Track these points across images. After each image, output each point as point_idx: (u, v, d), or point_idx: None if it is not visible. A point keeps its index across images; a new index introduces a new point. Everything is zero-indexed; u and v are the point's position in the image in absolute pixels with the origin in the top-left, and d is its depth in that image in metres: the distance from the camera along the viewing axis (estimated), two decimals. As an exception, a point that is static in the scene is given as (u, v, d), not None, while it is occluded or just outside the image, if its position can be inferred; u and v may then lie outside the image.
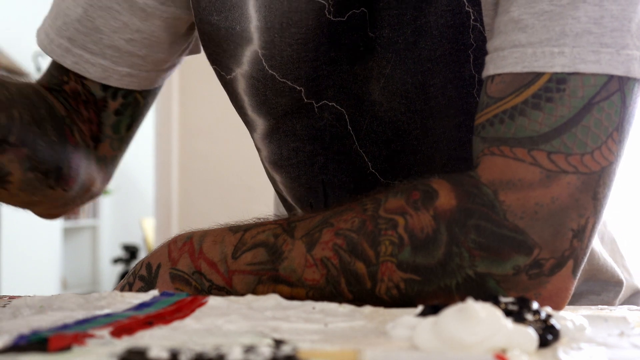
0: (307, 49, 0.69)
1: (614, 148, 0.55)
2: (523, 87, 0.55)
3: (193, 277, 0.61)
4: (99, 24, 0.76)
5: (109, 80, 0.78)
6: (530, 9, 0.56)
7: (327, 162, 0.74)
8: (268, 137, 0.77)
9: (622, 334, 0.45)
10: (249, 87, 0.74)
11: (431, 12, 0.66)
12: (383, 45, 0.68)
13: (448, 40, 0.66)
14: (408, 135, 0.70)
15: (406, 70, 0.68)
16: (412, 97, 0.68)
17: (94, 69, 0.77)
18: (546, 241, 0.53)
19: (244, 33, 0.71)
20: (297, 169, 0.76)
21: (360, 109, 0.71)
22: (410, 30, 0.67)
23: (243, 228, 0.61)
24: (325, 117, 0.72)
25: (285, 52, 0.70)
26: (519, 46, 0.56)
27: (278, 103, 0.73)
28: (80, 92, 0.78)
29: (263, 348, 0.38)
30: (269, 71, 0.71)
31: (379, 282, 0.56)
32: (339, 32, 0.68)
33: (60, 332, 0.42)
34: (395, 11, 0.67)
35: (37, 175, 0.72)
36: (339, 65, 0.70)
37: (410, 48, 0.67)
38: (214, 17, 0.72)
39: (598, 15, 0.54)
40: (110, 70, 0.78)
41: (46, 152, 0.72)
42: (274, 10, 0.69)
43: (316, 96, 0.72)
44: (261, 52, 0.71)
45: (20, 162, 0.70)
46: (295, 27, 0.69)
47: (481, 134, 0.57)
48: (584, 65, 0.54)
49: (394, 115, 0.70)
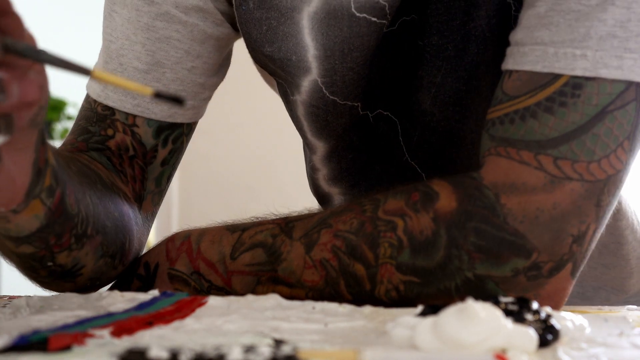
0: (365, 67, 0.67)
1: (623, 157, 0.54)
2: (539, 87, 0.54)
3: (192, 278, 0.61)
4: (160, 57, 0.69)
5: (175, 117, 0.71)
6: (557, 6, 0.54)
7: (382, 173, 0.73)
8: (328, 158, 0.75)
9: (622, 334, 0.45)
10: (309, 114, 0.71)
11: (481, 16, 0.64)
12: (432, 53, 0.66)
13: (495, 39, 0.64)
14: (463, 141, 0.68)
15: (457, 78, 0.66)
16: (465, 104, 0.67)
17: (160, 108, 0.70)
18: (545, 245, 0.53)
19: (301, 63, 0.68)
20: (355, 178, 0.74)
21: (410, 120, 0.69)
22: (459, 36, 0.65)
23: (241, 227, 0.61)
24: (381, 127, 0.70)
25: (347, 76, 0.68)
26: (541, 44, 0.55)
27: (338, 124, 0.71)
28: (128, 146, 0.70)
29: (263, 348, 0.38)
30: (329, 97, 0.69)
31: (378, 284, 0.55)
32: (390, 43, 0.67)
33: (60, 332, 0.42)
34: (444, 17, 0.65)
35: (107, 261, 0.64)
36: (389, 74, 0.68)
37: (460, 55, 0.65)
38: (266, 49, 0.69)
39: (625, 19, 0.53)
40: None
41: (112, 233, 0.64)
42: (332, 38, 0.66)
43: (371, 107, 0.70)
44: (321, 81, 0.68)
45: (94, 252, 0.62)
46: (357, 51, 0.66)
47: (490, 131, 0.57)
48: (605, 70, 0.53)
49: (448, 124, 0.68)
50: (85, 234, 0.60)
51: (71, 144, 0.71)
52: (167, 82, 0.70)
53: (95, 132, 0.71)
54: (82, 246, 0.60)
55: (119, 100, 0.70)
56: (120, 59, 0.70)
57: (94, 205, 0.61)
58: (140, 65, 0.70)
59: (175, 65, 0.70)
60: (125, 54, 0.70)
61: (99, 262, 0.63)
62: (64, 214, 0.56)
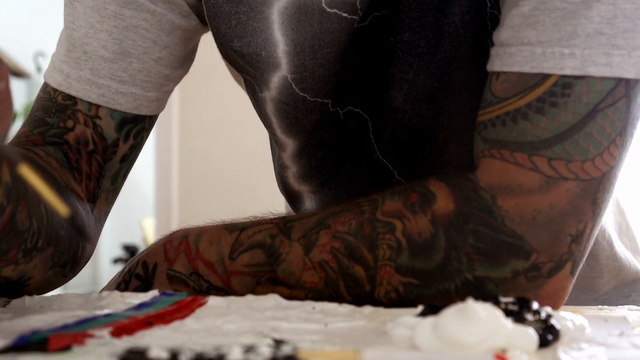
0: (336, 64, 0.67)
1: (615, 153, 0.54)
2: (528, 88, 0.54)
3: (191, 278, 0.61)
4: (127, 46, 0.68)
5: (140, 109, 0.70)
6: (542, 5, 0.54)
7: (353, 171, 0.72)
8: (298, 155, 0.74)
9: (622, 334, 0.45)
10: (278, 111, 0.71)
11: (454, 12, 0.64)
12: (404, 49, 0.65)
13: (470, 35, 0.64)
14: (435, 138, 0.68)
15: (430, 75, 0.65)
16: (438, 101, 0.66)
17: (125, 99, 0.69)
18: (544, 246, 0.53)
19: (271, 59, 0.67)
20: (326, 175, 0.74)
21: (382, 117, 0.69)
22: (432, 32, 0.64)
23: (239, 227, 0.61)
24: (351, 123, 0.70)
25: (317, 73, 0.67)
26: (528, 44, 0.54)
27: (308, 121, 0.70)
28: (88, 140, 0.68)
29: (263, 348, 0.38)
30: (299, 94, 0.68)
31: (378, 286, 0.55)
32: (361, 37, 0.66)
33: (60, 332, 0.42)
34: (416, 13, 0.64)
35: (56, 271, 0.63)
36: (359, 70, 0.67)
37: (432, 51, 0.65)
38: (235, 44, 0.68)
39: (611, 15, 0.53)
40: (142, 98, 0.70)
41: (65, 242, 0.62)
42: (303, 33, 0.65)
43: (341, 103, 0.69)
44: (291, 77, 0.67)
45: (43, 264, 0.60)
46: (328, 47, 0.65)
47: (482, 134, 0.57)
48: (594, 68, 0.53)
49: (420, 122, 0.67)
50: (35, 247, 0.58)
51: (26, 137, 0.68)
52: (134, 73, 0.69)
53: (54, 123, 0.68)
54: (31, 260, 0.58)
55: (82, 89, 0.68)
56: (85, 47, 0.69)
57: (48, 215, 0.59)
58: (106, 54, 0.68)
59: (143, 55, 0.69)
60: (89, 42, 0.68)
61: (48, 273, 0.61)
62: (13, 231, 0.54)
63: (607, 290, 0.80)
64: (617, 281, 0.80)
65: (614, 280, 0.80)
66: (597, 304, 0.77)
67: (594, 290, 0.79)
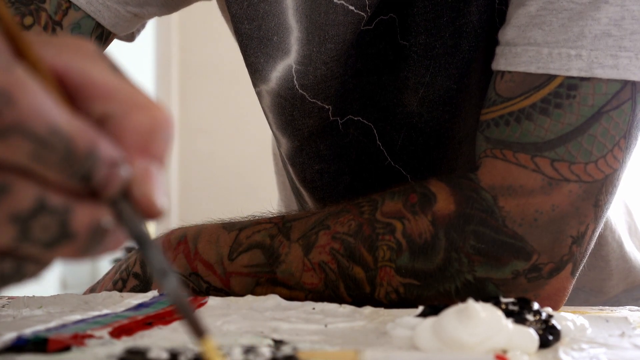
0: (339, 65, 0.65)
1: (619, 155, 0.54)
2: (533, 89, 0.54)
3: (190, 279, 0.61)
4: None
5: (116, 28, 0.66)
6: (549, 5, 0.54)
7: (354, 181, 0.71)
8: (291, 159, 0.73)
9: (623, 335, 0.45)
10: (275, 105, 0.69)
11: (472, 12, 0.62)
12: (419, 52, 0.64)
13: (486, 34, 0.63)
14: (451, 140, 0.67)
15: (448, 76, 0.64)
16: (456, 103, 0.65)
17: (109, 13, 0.64)
18: (545, 247, 0.53)
19: (282, 45, 0.65)
20: (322, 191, 0.72)
21: (392, 122, 0.67)
22: (448, 33, 0.63)
23: (237, 226, 0.60)
24: (351, 133, 0.68)
25: (319, 70, 0.65)
26: (534, 44, 0.54)
27: (305, 124, 0.68)
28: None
29: (263, 348, 0.38)
30: (299, 91, 0.66)
31: (378, 287, 0.55)
32: (365, 42, 0.64)
33: (60, 332, 0.42)
34: (431, 15, 0.63)
35: None
36: (365, 77, 0.66)
37: (450, 52, 0.63)
38: (245, 26, 0.65)
39: (619, 17, 0.52)
40: (121, 17, 0.66)
41: None
42: (314, 22, 0.63)
43: (341, 112, 0.67)
44: (295, 68, 0.65)
45: None
46: (331, 42, 0.63)
47: (485, 133, 0.56)
48: (601, 70, 0.52)
49: (436, 124, 0.66)
50: None
51: None
52: None
53: None
54: None
55: None
56: None
57: None
58: None
59: None
60: None
61: None
62: None
63: (617, 293, 0.80)
64: (627, 284, 0.80)
65: (623, 282, 0.79)
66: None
67: (603, 292, 0.79)
